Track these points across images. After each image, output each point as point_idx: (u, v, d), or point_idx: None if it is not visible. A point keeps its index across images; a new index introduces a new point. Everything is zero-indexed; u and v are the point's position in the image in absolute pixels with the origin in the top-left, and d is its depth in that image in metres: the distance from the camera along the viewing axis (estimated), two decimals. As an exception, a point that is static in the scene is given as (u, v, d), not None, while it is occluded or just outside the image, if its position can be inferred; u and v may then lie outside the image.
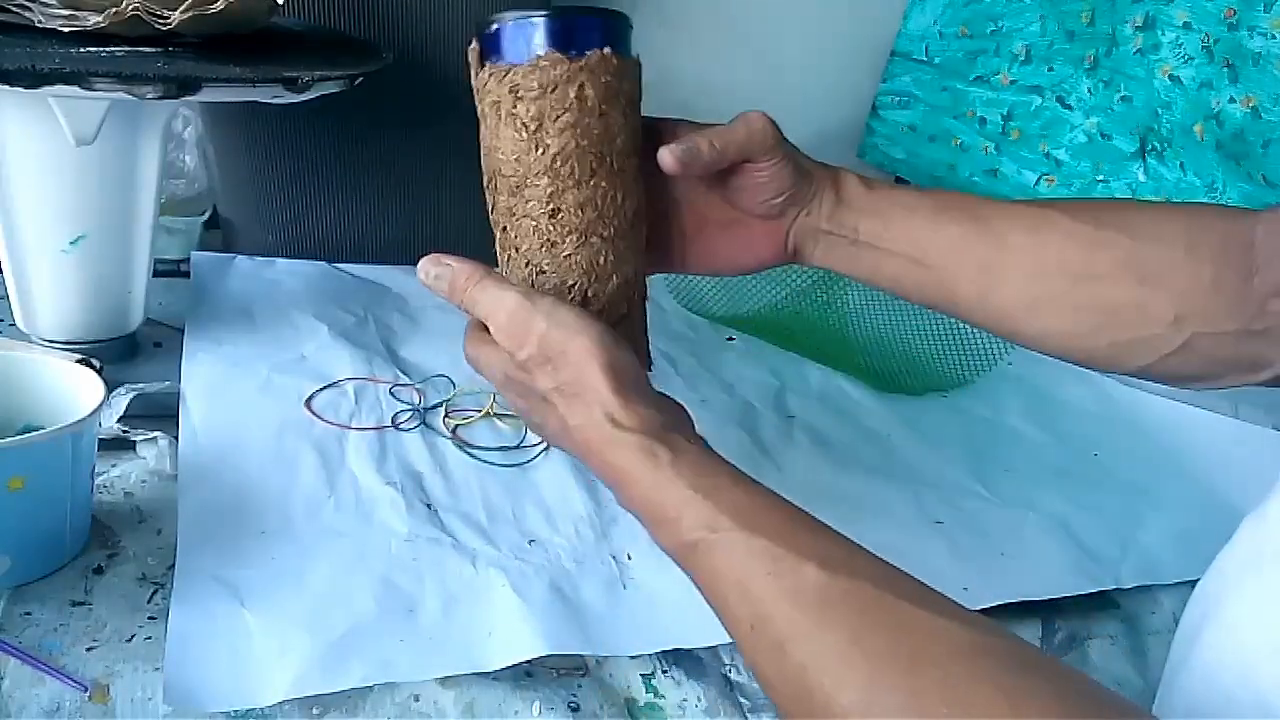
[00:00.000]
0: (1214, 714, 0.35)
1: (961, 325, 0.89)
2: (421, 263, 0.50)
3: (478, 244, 0.95)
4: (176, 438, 0.59)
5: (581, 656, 0.49)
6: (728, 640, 0.50)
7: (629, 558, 0.56)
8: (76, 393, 0.50)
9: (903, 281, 0.53)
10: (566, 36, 0.49)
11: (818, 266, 0.56)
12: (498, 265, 0.53)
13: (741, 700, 0.48)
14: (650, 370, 0.52)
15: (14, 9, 0.54)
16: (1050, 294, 0.50)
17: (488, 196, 0.52)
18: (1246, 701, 0.34)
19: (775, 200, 0.53)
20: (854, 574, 0.36)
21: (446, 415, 0.67)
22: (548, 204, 0.49)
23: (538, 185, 0.49)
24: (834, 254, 0.54)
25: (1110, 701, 0.32)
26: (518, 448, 0.65)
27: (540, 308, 0.45)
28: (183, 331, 0.70)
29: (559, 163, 0.48)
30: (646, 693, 0.48)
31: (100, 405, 0.49)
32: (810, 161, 0.55)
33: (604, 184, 0.49)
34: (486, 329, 0.48)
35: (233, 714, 0.42)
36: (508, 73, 0.48)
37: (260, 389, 0.66)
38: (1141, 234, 0.48)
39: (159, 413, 0.61)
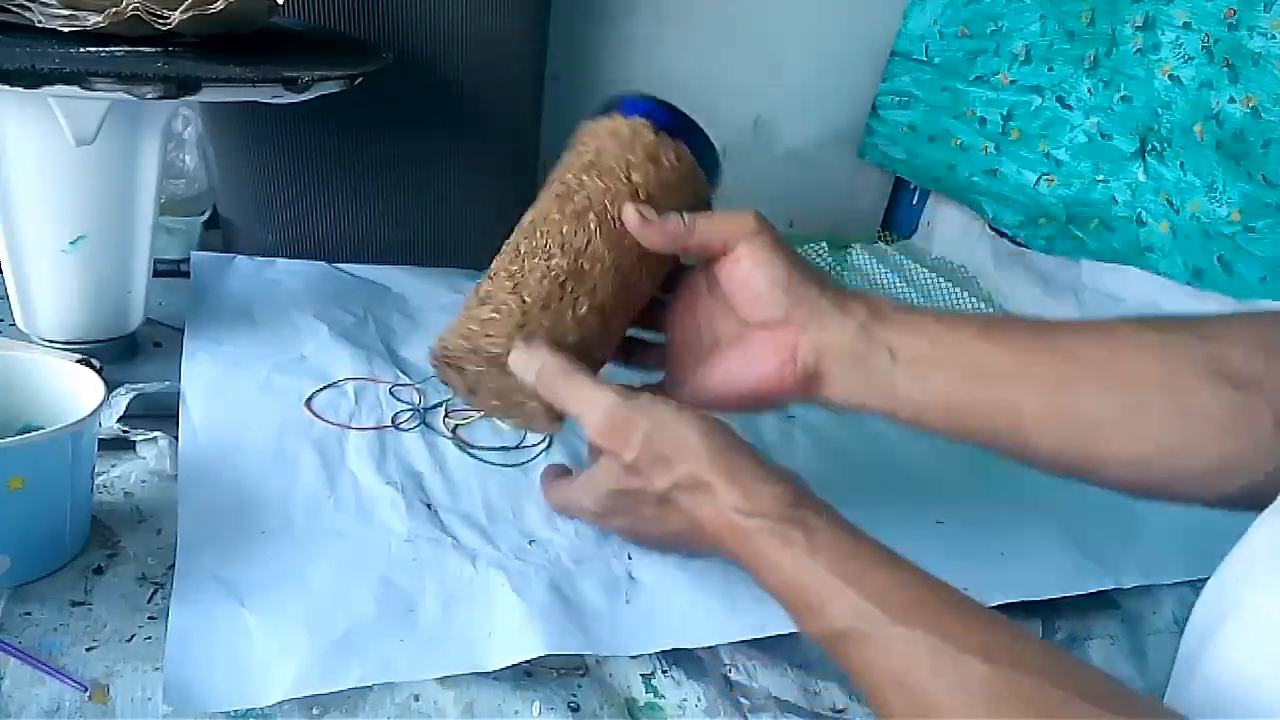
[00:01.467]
0: (1235, 714, 0.35)
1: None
2: (514, 353, 0.49)
3: (478, 244, 0.95)
4: (176, 438, 0.59)
5: (581, 656, 0.49)
6: (728, 640, 0.51)
7: (629, 558, 0.56)
8: (76, 393, 0.50)
9: (953, 404, 0.47)
10: (674, 121, 0.54)
11: (841, 404, 0.49)
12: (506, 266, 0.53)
13: (741, 700, 0.48)
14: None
15: (14, 9, 0.54)
16: (1138, 406, 0.44)
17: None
18: (1269, 701, 0.34)
19: (769, 297, 0.48)
20: (1019, 664, 0.34)
21: (446, 415, 0.67)
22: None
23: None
24: (863, 377, 0.48)
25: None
26: (518, 448, 0.65)
27: (640, 405, 0.45)
28: (183, 331, 0.70)
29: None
30: (646, 693, 0.48)
31: (100, 405, 0.49)
32: (834, 283, 0.50)
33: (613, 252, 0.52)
34: (565, 473, 0.52)
35: (233, 714, 0.42)
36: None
37: (260, 389, 0.66)
38: (1214, 337, 0.44)
39: (159, 413, 0.61)
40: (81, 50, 0.53)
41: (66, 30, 0.54)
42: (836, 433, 0.74)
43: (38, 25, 0.54)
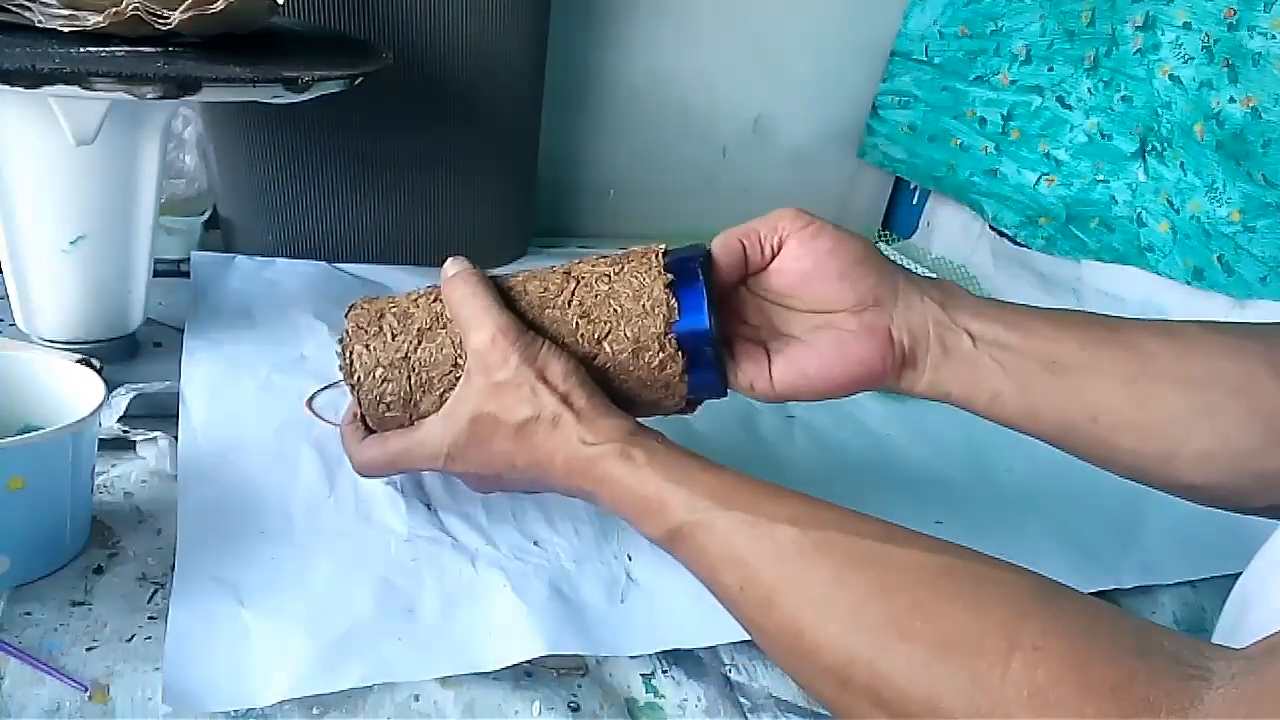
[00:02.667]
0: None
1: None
2: (450, 260, 0.52)
3: (478, 244, 0.96)
4: (176, 438, 0.59)
5: (581, 656, 0.49)
6: (728, 640, 0.51)
7: (629, 558, 0.56)
8: (76, 393, 0.50)
9: (1032, 394, 0.47)
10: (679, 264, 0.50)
11: (926, 390, 0.49)
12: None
13: (741, 700, 0.48)
14: None
15: (14, 9, 0.54)
16: (1209, 406, 0.44)
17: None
18: None
19: (836, 283, 0.48)
20: (823, 525, 0.39)
21: (446, 415, 0.67)
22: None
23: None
24: (948, 362, 0.48)
25: (1062, 593, 0.35)
26: (518, 448, 0.65)
27: (526, 338, 0.48)
28: (183, 331, 0.70)
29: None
30: (646, 693, 0.48)
31: (100, 405, 0.49)
32: (893, 264, 0.50)
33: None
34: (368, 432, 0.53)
35: (232, 714, 0.42)
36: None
37: (260, 389, 0.66)
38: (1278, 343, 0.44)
39: (159, 413, 0.61)
40: (81, 50, 0.53)
41: (66, 30, 0.54)
42: (836, 433, 0.74)
43: (38, 25, 0.54)
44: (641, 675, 0.49)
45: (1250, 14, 0.78)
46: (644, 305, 0.49)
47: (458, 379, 0.50)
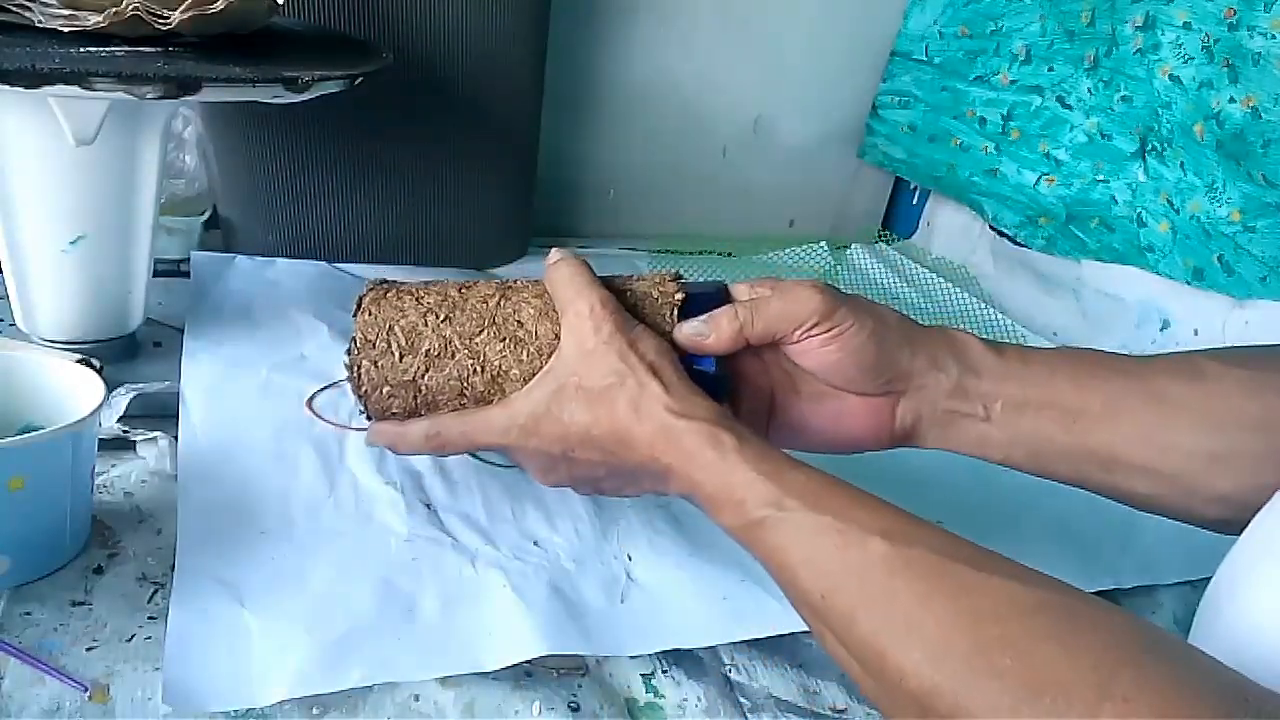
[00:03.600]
0: (1260, 656, 0.36)
1: (962, 327, 0.89)
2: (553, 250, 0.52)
3: (477, 243, 0.96)
4: (176, 438, 0.59)
5: (581, 656, 0.49)
6: (728, 640, 0.51)
7: (629, 558, 0.56)
8: (76, 393, 0.50)
9: (1043, 449, 0.48)
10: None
11: (932, 447, 0.51)
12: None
13: (741, 700, 0.48)
14: None
15: (14, 9, 0.54)
16: (1230, 448, 0.45)
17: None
18: (1269, 672, 0.35)
19: (859, 377, 0.49)
20: (915, 543, 0.37)
21: (446, 415, 0.67)
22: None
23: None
24: (959, 434, 0.50)
25: (1162, 639, 0.34)
26: (518, 448, 0.65)
27: (623, 313, 0.48)
28: (183, 331, 0.70)
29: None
30: (646, 693, 0.48)
31: (100, 405, 0.49)
32: (917, 328, 0.50)
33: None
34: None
35: (232, 714, 0.42)
36: None
37: (260, 389, 0.66)
38: None
39: (159, 413, 0.61)
40: (81, 50, 0.53)
41: (66, 30, 0.54)
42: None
43: (38, 25, 0.54)
44: (641, 675, 0.49)
45: (1250, 14, 0.78)
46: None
47: (463, 404, 0.50)
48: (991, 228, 1.08)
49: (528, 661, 0.47)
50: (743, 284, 0.52)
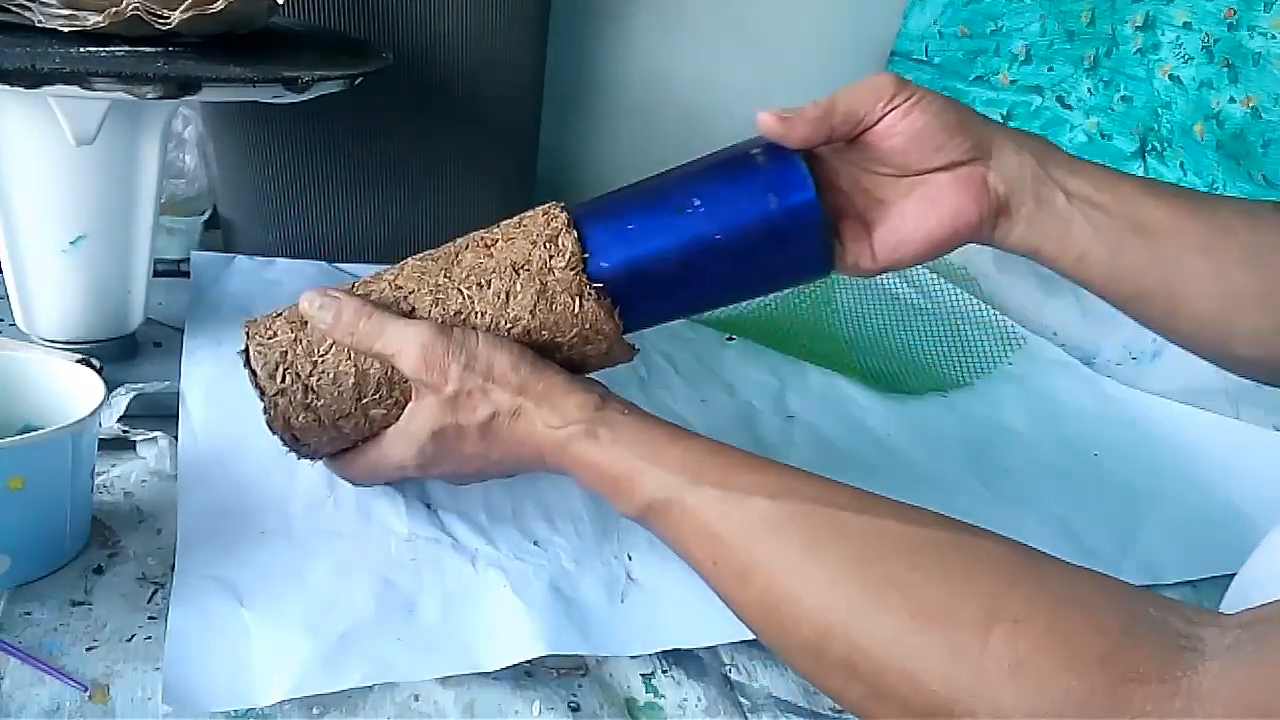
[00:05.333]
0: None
1: (962, 327, 0.89)
2: (305, 295, 0.50)
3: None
4: (176, 438, 0.59)
5: (581, 656, 0.49)
6: (728, 640, 0.51)
7: (629, 558, 0.56)
8: (76, 393, 0.50)
9: (1119, 257, 0.47)
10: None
11: (1017, 243, 0.49)
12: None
13: (742, 700, 0.48)
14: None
15: (14, 9, 0.54)
16: (1271, 283, 0.46)
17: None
18: None
19: (948, 140, 0.48)
20: (796, 497, 0.39)
21: (446, 415, 0.67)
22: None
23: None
24: (1043, 217, 0.48)
25: (1048, 562, 0.35)
26: (518, 448, 0.65)
27: (453, 338, 0.47)
28: (183, 331, 0.70)
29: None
30: (646, 693, 0.48)
31: (100, 405, 0.49)
32: (990, 121, 0.50)
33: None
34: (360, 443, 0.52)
35: (232, 714, 0.42)
36: None
37: (260, 389, 0.66)
38: None
39: (159, 413, 0.61)
40: (81, 50, 0.53)
41: (66, 30, 0.54)
42: (836, 433, 0.74)
43: (38, 25, 0.54)
44: (641, 675, 0.49)
45: (1250, 14, 0.78)
46: (543, 251, 0.49)
47: (367, 405, 0.50)
48: (991, 228, 1.08)
49: (528, 661, 0.47)
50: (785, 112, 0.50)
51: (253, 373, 0.51)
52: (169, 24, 0.54)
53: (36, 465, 0.46)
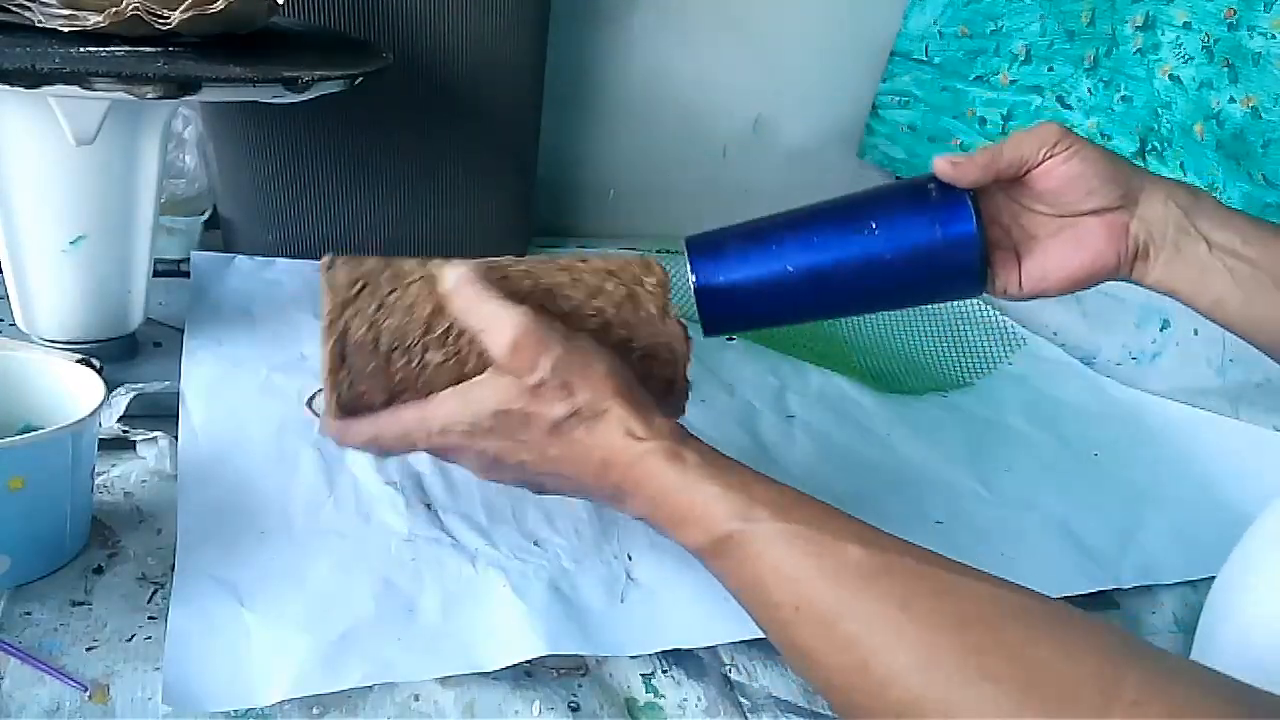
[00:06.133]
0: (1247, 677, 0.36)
1: (962, 327, 0.89)
2: (444, 265, 0.48)
3: (477, 243, 0.95)
4: (176, 438, 0.59)
5: (581, 656, 0.49)
6: (728, 640, 0.51)
7: (629, 558, 0.56)
8: (76, 393, 0.50)
9: (1255, 306, 0.50)
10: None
11: (1155, 284, 0.52)
12: None
13: (741, 700, 0.48)
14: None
15: (14, 9, 0.54)
16: None
17: None
18: (1276, 666, 0.35)
19: (1100, 187, 0.51)
20: (890, 549, 0.37)
21: (446, 415, 0.67)
22: None
23: None
24: (1180, 263, 0.51)
25: (1149, 646, 0.33)
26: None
27: (553, 331, 0.44)
28: (183, 331, 0.70)
29: None
30: (646, 693, 0.48)
31: (100, 405, 0.49)
32: (1142, 170, 0.53)
33: None
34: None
35: (232, 714, 0.42)
36: None
37: (260, 389, 0.66)
38: None
39: (159, 413, 0.61)
40: (81, 50, 0.53)
41: (66, 30, 0.54)
42: (836, 432, 0.74)
43: (38, 25, 0.54)
44: (641, 675, 0.49)
45: (1250, 14, 0.78)
46: (636, 269, 0.50)
47: (429, 342, 0.47)
48: (991, 228, 1.08)
49: (528, 661, 0.47)
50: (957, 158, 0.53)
51: (330, 284, 0.48)
52: (169, 24, 0.54)
53: (36, 465, 0.46)
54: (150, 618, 0.47)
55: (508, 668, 0.46)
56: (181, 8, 0.54)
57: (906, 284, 0.53)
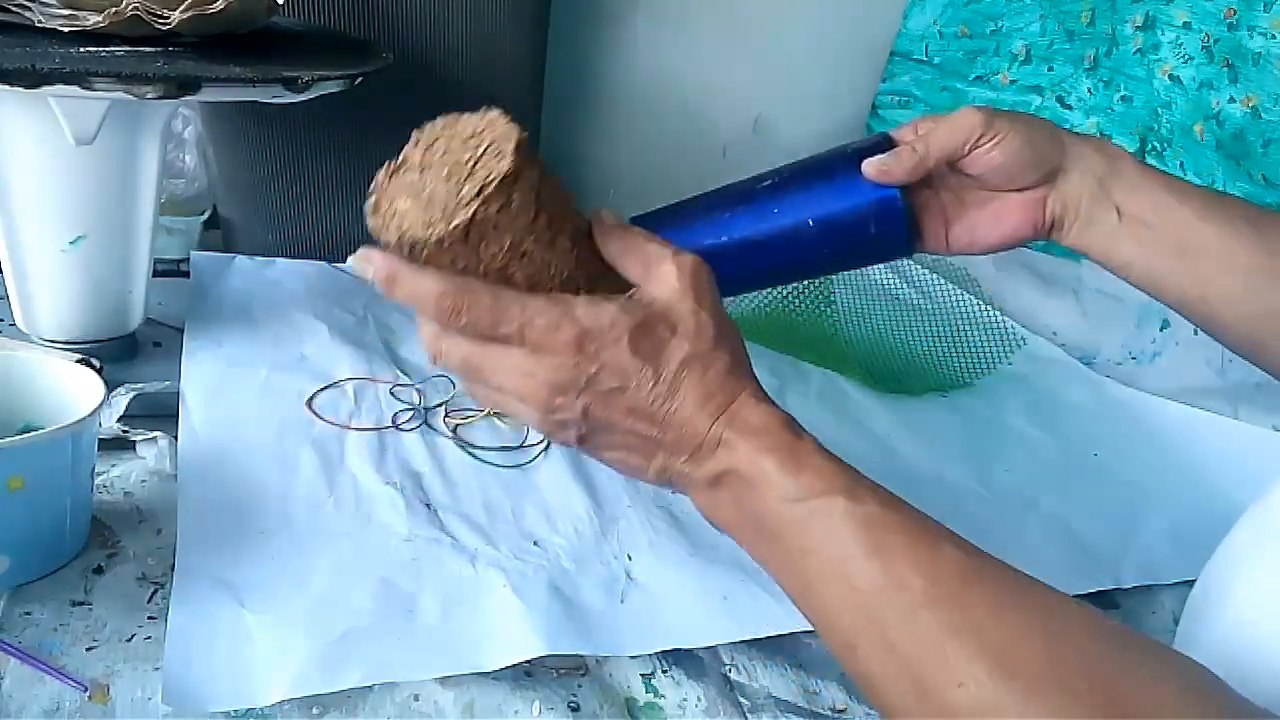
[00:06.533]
0: (1245, 660, 0.37)
1: (962, 327, 0.89)
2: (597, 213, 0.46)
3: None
4: (176, 438, 0.59)
5: (581, 656, 0.49)
6: (728, 640, 0.51)
7: (629, 558, 0.56)
8: (76, 393, 0.50)
9: (1156, 272, 0.54)
10: None
11: (1070, 246, 0.56)
12: None
13: (741, 700, 0.48)
14: None
15: (14, 9, 0.54)
16: None
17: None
18: (1255, 669, 0.36)
19: (1020, 173, 0.54)
20: (986, 559, 0.37)
21: (447, 415, 0.67)
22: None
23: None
24: (1091, 231, 0.55)
25: (1230, 694, 0.33)
26: (518, 448, 0.65)
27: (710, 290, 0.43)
28: (183, 331, 0.70)
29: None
30: (646, 693, 0.48)
31: (100, 405, 0.49)
32: (1071, 133, 0.56)
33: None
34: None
35: (232, 714, 0.42)
36: None
37: (260, 389, 0.66)
38: None
39: (159, 413, 0.61)
40: (81, 50, 0.53)
41: (66, 30, 0.54)
42: (836, 433, 0.74)
43: (38, 25, 0.54)
44: (641, 675, 0.49)
45: (1250, 14, 0.78)
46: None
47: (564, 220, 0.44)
48: (991, 228, 1.08)
49: (528, 661, 0.47)
50: (903, 127, 0.56)
51: (509, 135, 0.42)
52: (169, 24, 0.54)
53: (36, 465, 0.46)
54: (150, 618, 0.47)
55: (508, 668, 0.46)
56: (181, 8, 0.54)
57: (837, 254, 0.57)
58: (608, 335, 0.40)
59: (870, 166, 0.54)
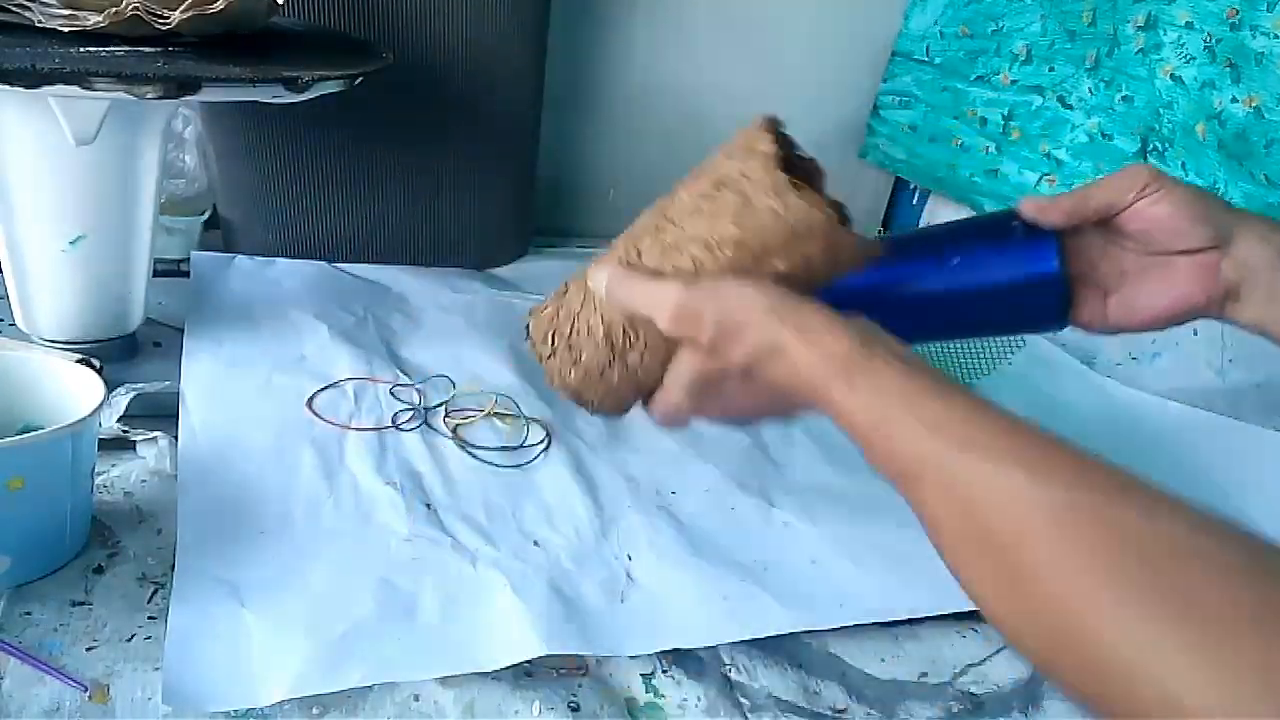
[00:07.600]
0: None
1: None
2: (591, 269, 0.49)
3: (477, 243, 0.95)
4: (176, 438, 0.59)
5: (581, 656, 0.49)
6: (728, 640, 0.51)
7: (629, 558, 0.56)
8: (76, 393, 0.50)
9: None
10: None
11: (1249, 323, 0.52)
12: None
13: (741, 700, 0.48)
14: None
15: (14, 9, 0.54)
16: None
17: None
18: None
19: (1189, 229, 0.51)
20: (1081, 485, 0.37)
21: (447, 415, 0.67)
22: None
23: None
24: (1271, 301, 0.51)
25: None
26: (518, 448, 0.65)
27: (703, 289, 0.45)
28: (183, 331, 0.70)
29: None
30: (646, 693, 0.48)
31: (100, 405, 0.49)
32: (1235, 210, 0.52)
33: None
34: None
35: (232, 714, 0.42)
36: None
37: (260, 389, 0.66)
38: None
39: (159, 413, 0.61)
40: (81, 50, 0.53)
41: (66, 30, 0.54)
42: (836, 433, 0.74)
43: (38, 25, 0.54)
44: (641, 675, 0.49)
45: (1252, 14, 0.78)
46: (740, 163, 0.49)
47: (621, 350, 0.49)
48: (992, 228, 1.08)
49: (528, 661, 0.47)
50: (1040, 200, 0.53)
51: (531, 344, 0.52)
52: (169, 24, 0.54)
53: (36, 465, 0.46)
54: (150, 618, 0.47)
55: (508, 668, 0.46)
56: (181, 8, 0.54)
57: (987, 319, 0.55)
58: (694, 397, 0.47)
59: (1028, 203, 0.52)
